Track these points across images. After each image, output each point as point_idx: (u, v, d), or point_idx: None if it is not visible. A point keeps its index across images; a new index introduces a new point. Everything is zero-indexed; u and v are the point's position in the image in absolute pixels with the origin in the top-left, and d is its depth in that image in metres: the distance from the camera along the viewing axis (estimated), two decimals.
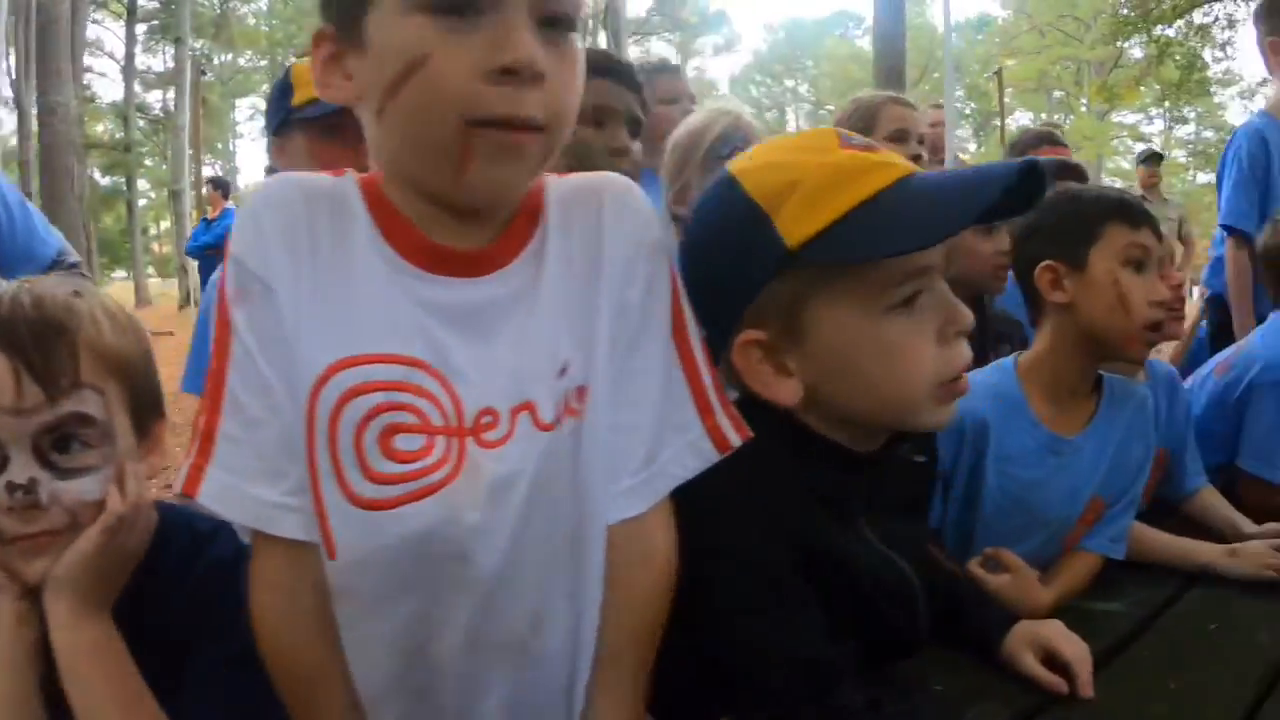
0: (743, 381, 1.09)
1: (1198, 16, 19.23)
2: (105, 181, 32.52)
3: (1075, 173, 2.51)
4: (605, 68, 2.10)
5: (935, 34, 43.59)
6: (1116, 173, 33.97)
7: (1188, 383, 2.31)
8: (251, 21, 36.92)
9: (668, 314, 1.03)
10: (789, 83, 48.60)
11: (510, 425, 0.93)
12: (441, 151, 0.87)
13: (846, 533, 1.12)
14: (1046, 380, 1.69)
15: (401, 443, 0.89)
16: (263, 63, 36.59)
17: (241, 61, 37.96)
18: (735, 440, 1.03)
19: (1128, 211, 1.65)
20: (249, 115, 40.69)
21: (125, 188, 31.92)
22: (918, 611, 1.16)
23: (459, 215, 0.94)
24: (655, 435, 1.01)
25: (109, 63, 30.91)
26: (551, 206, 1.01)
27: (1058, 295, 1.66)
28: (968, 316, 1.04)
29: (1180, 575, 1.74)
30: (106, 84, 32.50)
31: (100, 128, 32.56)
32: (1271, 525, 1.85)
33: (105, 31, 30.85)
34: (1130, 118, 36.90)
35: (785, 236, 1.01)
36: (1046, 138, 3.14)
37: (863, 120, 2.60)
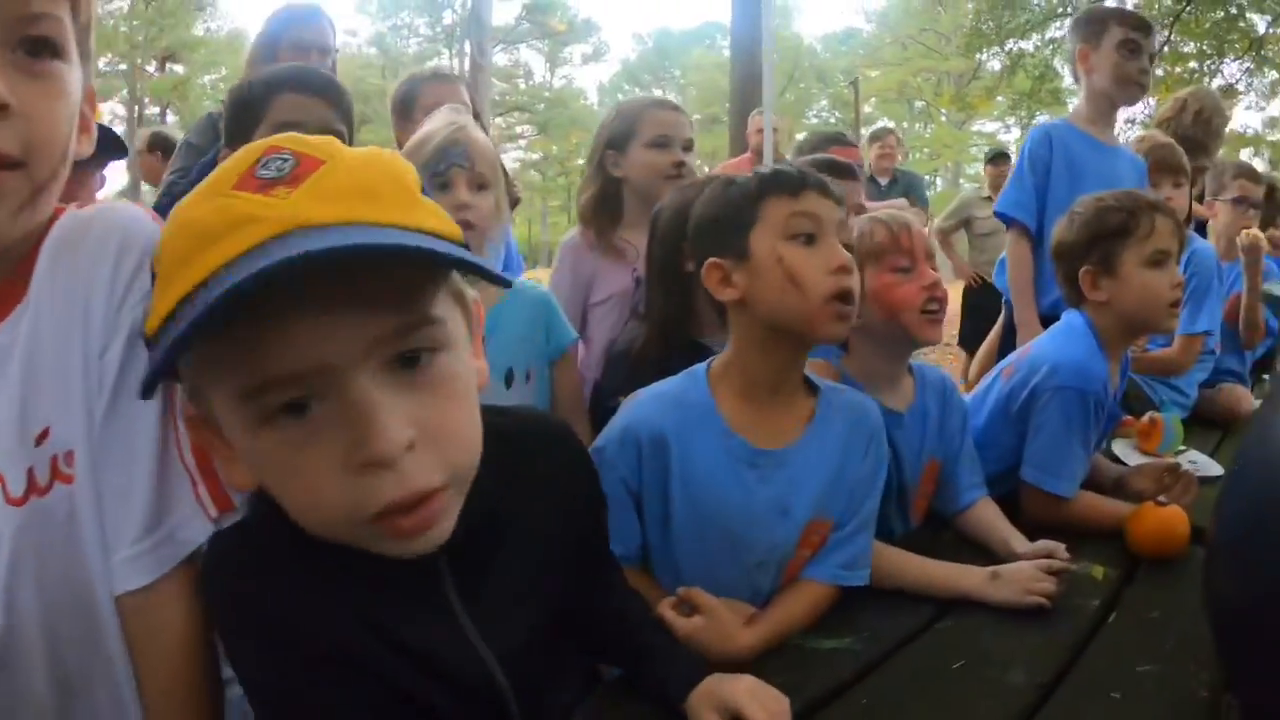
0: None
1: (1051, 30, 19.97)
2: None
3: (847, 170, 2.38)
4: (292, 80, 1.99)
5: (801, 45, 44.91)
6: (975, 178, 34.98)
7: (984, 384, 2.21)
8: (110, 24, 35.60)
9: None
10: (657, 92, 48.68)
11: None
12: None
13: (413, 621, 0.95)
14: (738, 384, 1.51)
15: None
16: (122, 66, 35.22)
17: (102, 64, 36.56)
18: (213, 514, 0.98)
19: (784, 181, 1.49)
20: (108, 121, 39.14)
21: None
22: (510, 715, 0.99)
23: None
24: (153, 501, 0.95)
25: None
26: (45, 250, 0.93)
27: (728, 292, 1.49)
28: (380, 442, 0.78)
29: (933, 604, 1.55)
30: None
31: None
32: (1043, 543, 1.68)
33: None
34: (990, 126, 38.06)
35: (148, 318, 0.81)
36: (835, 139, 3.08)
37: (625, 125, 2.48)
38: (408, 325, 0.80)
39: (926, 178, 38.12)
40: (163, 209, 2.65)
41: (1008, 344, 3.08)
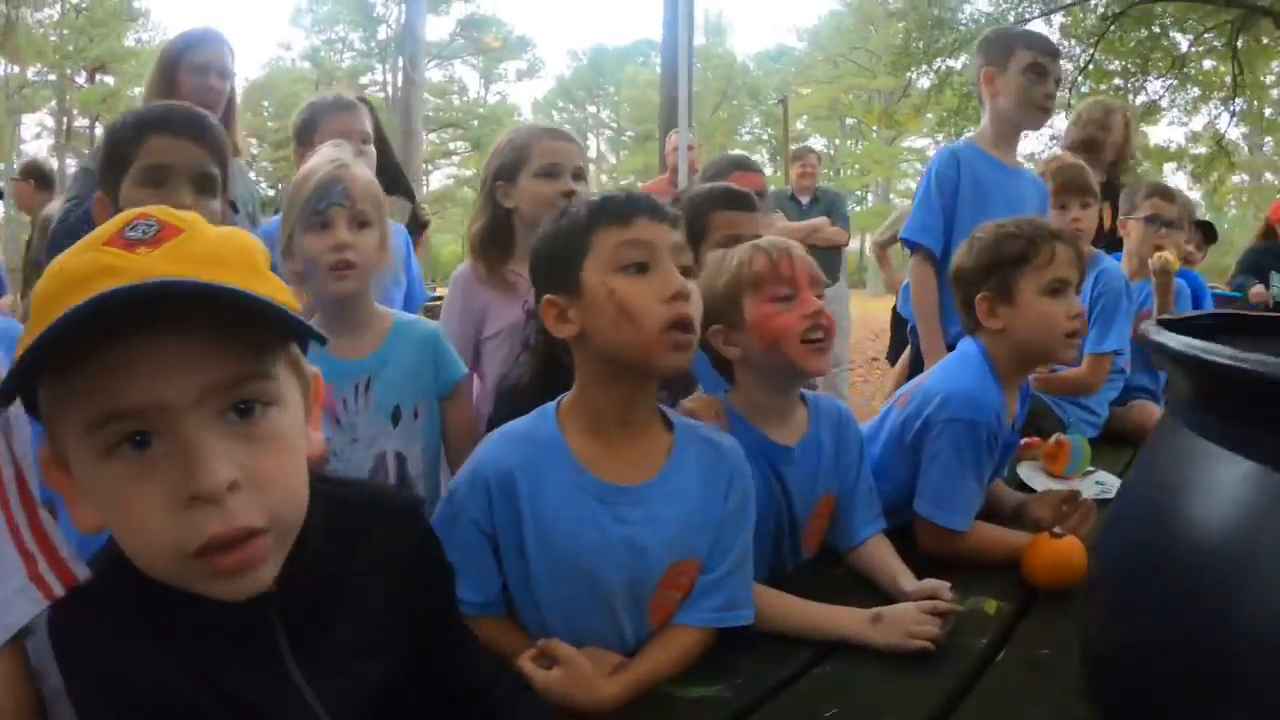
0: None
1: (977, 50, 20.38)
2: None
3: (743, 201, 2.36)
4: (161, 122, 1.94)
5: (734, 62, 45.36)
6: (906, 194, 35.52)
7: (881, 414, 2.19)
8: (40, 32, 34.85)
9: None
10: (591, 109, 48.84)
11: None
12: None
13: (248, 677, 0.93)
14: (585, 420, 1.48)
15: None
16: (51, 77, 34.52)
17: (30, 74, 35.75)
18: (58, 590, 0.96)
19: (613, 210, 1.45)
20: (35, 134, 38.34)
21: None
22: None
23: None
24: None
25: None
26: None
27: (566, 329, 1.46)
28: (205, 478, 0.82)
29: (815, 648, 1.51)
30: None
31: None
32: (928, 583, 1.65)
33: None
34: (920, 142, 38.64)
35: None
36: (738, 164, 3.05)
37: (514, 155, 2.42)
38: (242, 376, 0.87)
39: (858, 193, 38.69)
40: (58, 237, 2.65)
41: (915, 373, 2.98)
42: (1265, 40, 17.00)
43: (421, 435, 2.03)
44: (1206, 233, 5.28)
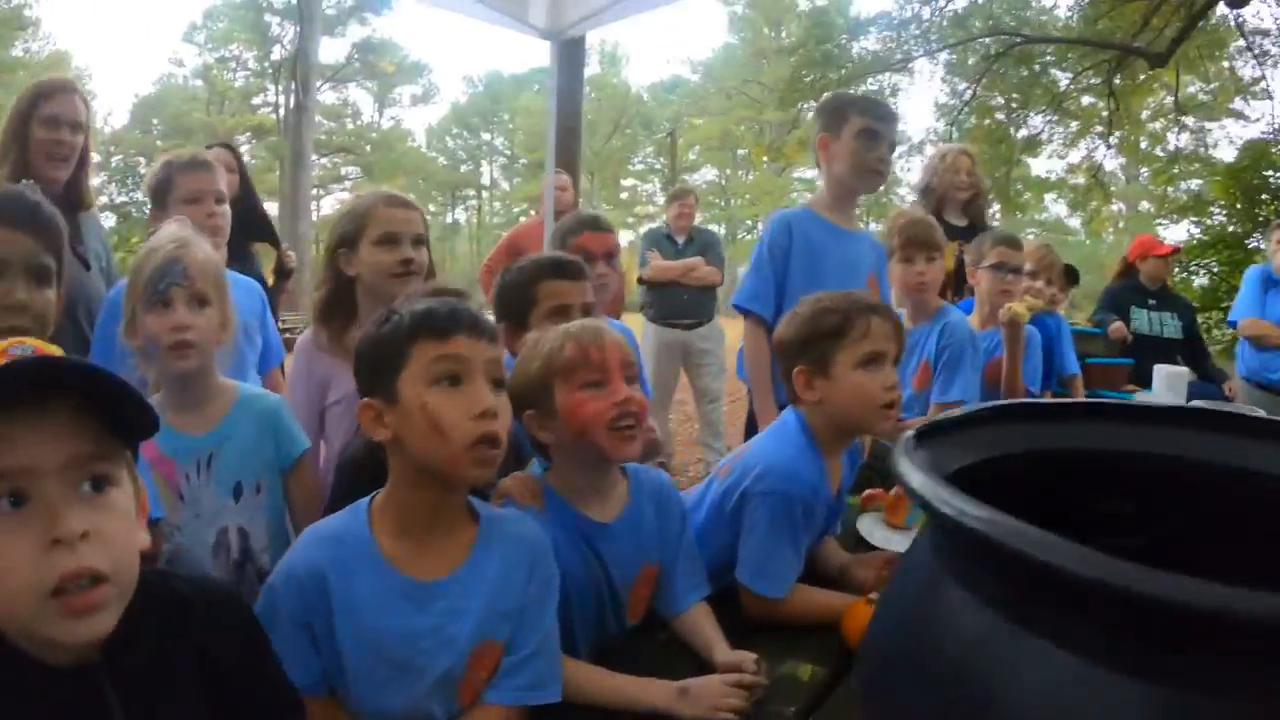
0: None
1: (865, 85, 20.89)
2: None
3: (571, 270, 2.41)
4: None
5: (629, 93, 45.57)
6: None
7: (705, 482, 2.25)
8: None
9: None
10: (485, 135, 48.61)
11: None
12: None
13: None
14: (395, 519, 1.53)
15: None
16: None
17: None
18: None
19: (433, 325, 1.50)
20: None
21: None
22: None
23: None
24: None
25: None
26: None
27: (381, 432, 1.51)
28: (64, 524, 0.99)
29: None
30: None
31: None
32: (737, 655, 1.72)
33: None
34: (810, 173, 39.31)
35: None
36: (589, 223, 3.08)
37: (354, 223, 2.44)
38: (99, 455, 1.04)
39: (749, 222, 39.12)
40: None
41: (751, 433, 3.04)
42: (1141, 77, 17.71)
43: (264, 509, 2.05)
44: (1070, 276, 5.48)
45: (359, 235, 2.43)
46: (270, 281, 4.36)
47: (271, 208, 34.77)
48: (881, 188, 3.49)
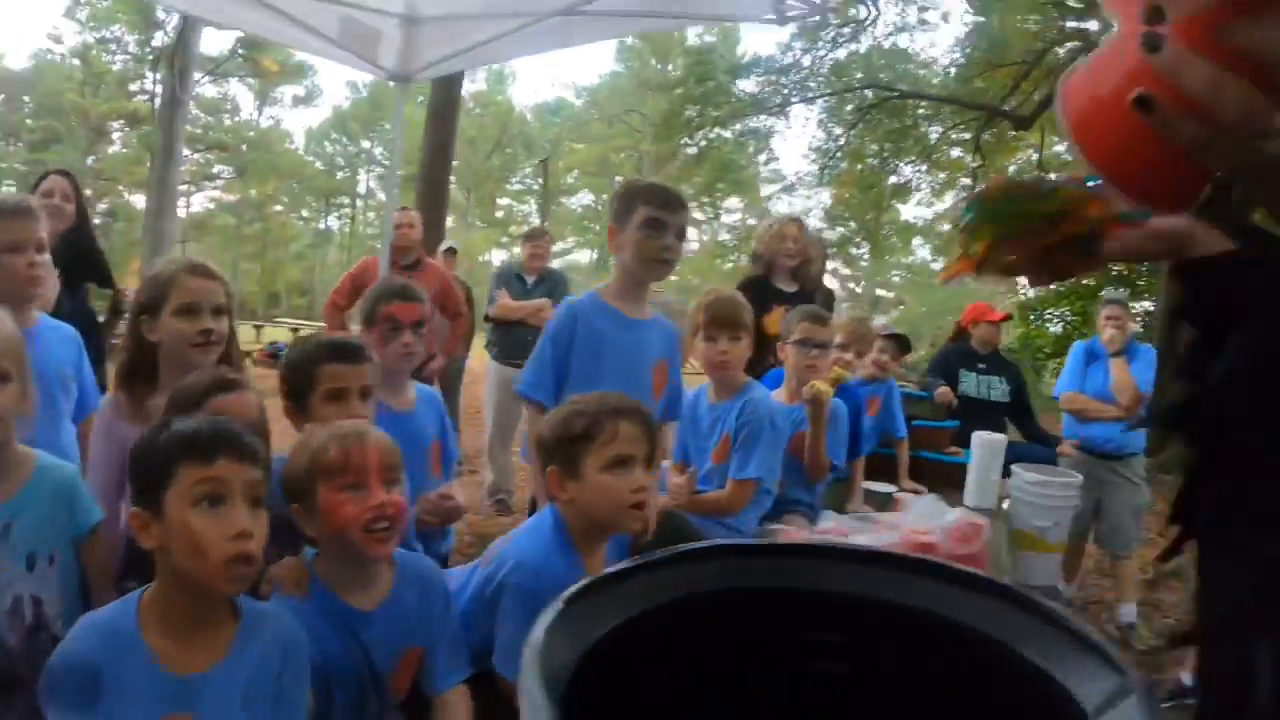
0: None
1: (739, 127, 21.40)
2: None
3: (350, 353, 2.53)
4: None
5: (512, 112, 45.38)
6: None
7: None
8: None
9: None
10: (365, 143, 48.13)
11: None
12: None
13: None
14: (160, 614, 1.66)
15: None
16: None
17: None
18: None
19: (198, 448, 1.64)
20: None
21: None
22: None
23: None
24: None
25: None
26: None
27: (148, 541, 1.65)
28: None
29: None
30: None
31: None
32: None
33: None
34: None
35: None
36: (399, 293, 3.08)
37: (157, 291, 2.49)
38: None
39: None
40: None
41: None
42: (1010, 133, 18.43)
43: (57, 578, 2.07)
44: (900, 344, 5.73)
45: (161, 303, 2.47)
46: (103, 318, 4.28)
47: (138, 201, 33.63)
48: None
